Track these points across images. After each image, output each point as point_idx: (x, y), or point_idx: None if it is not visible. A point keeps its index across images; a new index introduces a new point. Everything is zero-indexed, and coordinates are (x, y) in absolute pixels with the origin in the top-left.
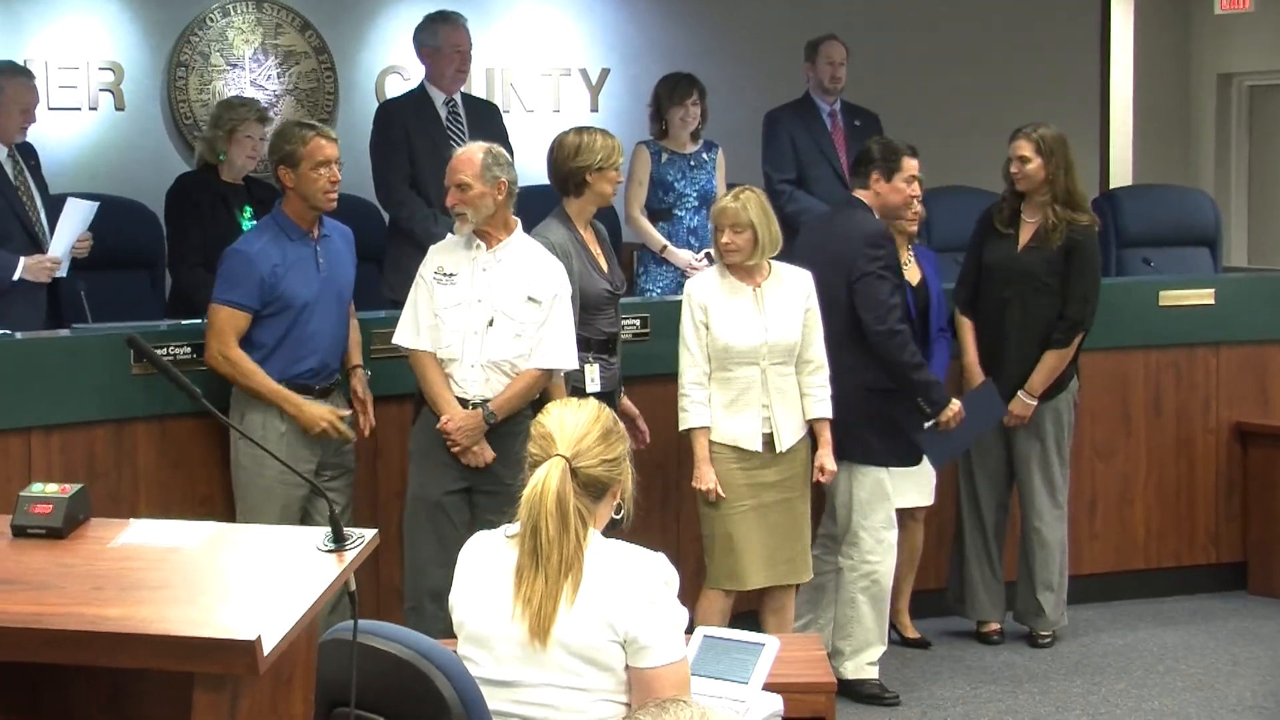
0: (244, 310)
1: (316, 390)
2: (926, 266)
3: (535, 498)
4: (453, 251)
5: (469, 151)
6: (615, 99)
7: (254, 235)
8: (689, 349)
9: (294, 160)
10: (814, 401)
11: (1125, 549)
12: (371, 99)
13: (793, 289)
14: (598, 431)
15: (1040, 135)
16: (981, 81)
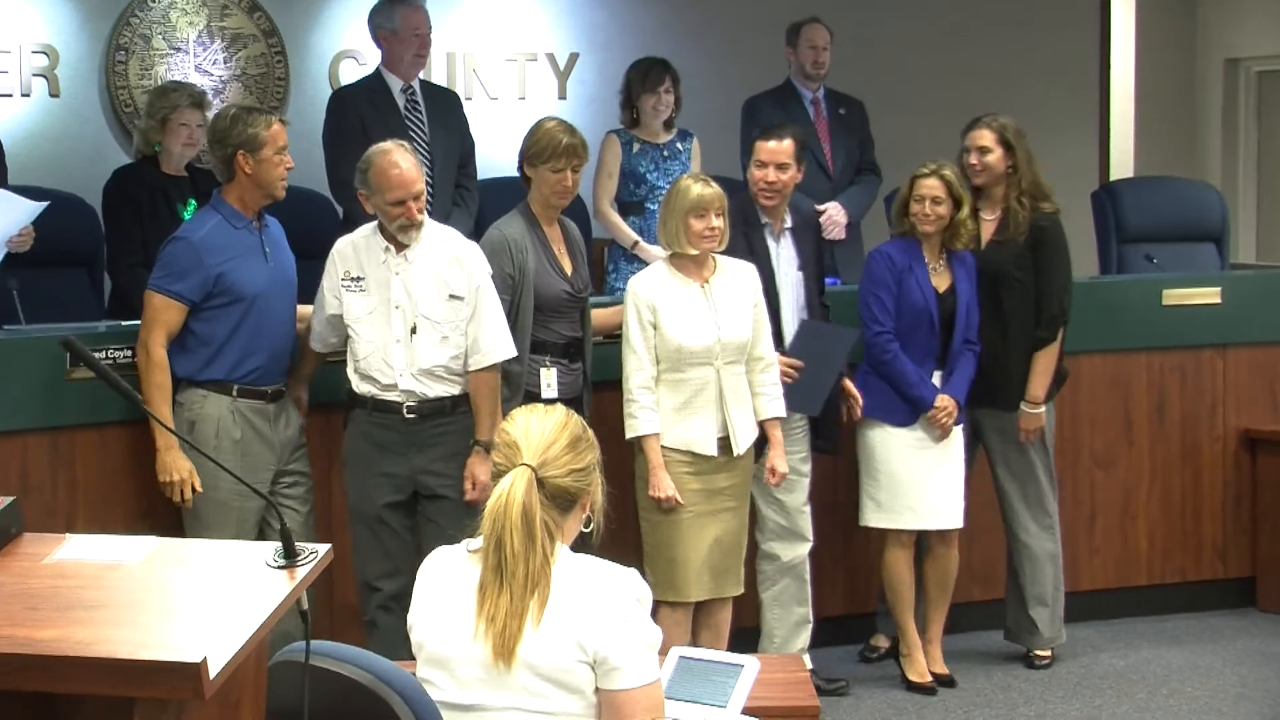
0: (181, 302)
1: (269, 394)
2: (959, 272)
3: (499, 509)
4: (356, 255)
5: (412, 159)
6: (584, 85)
7: (197, 223)
8: (635, 351)
9: (256, 145)
10: (767, 400)
11: (1127, 564)
12: (325, 86)
13: (740, 284)
14: (565, 439)
15: (1001, 124)
16: (974, 67)
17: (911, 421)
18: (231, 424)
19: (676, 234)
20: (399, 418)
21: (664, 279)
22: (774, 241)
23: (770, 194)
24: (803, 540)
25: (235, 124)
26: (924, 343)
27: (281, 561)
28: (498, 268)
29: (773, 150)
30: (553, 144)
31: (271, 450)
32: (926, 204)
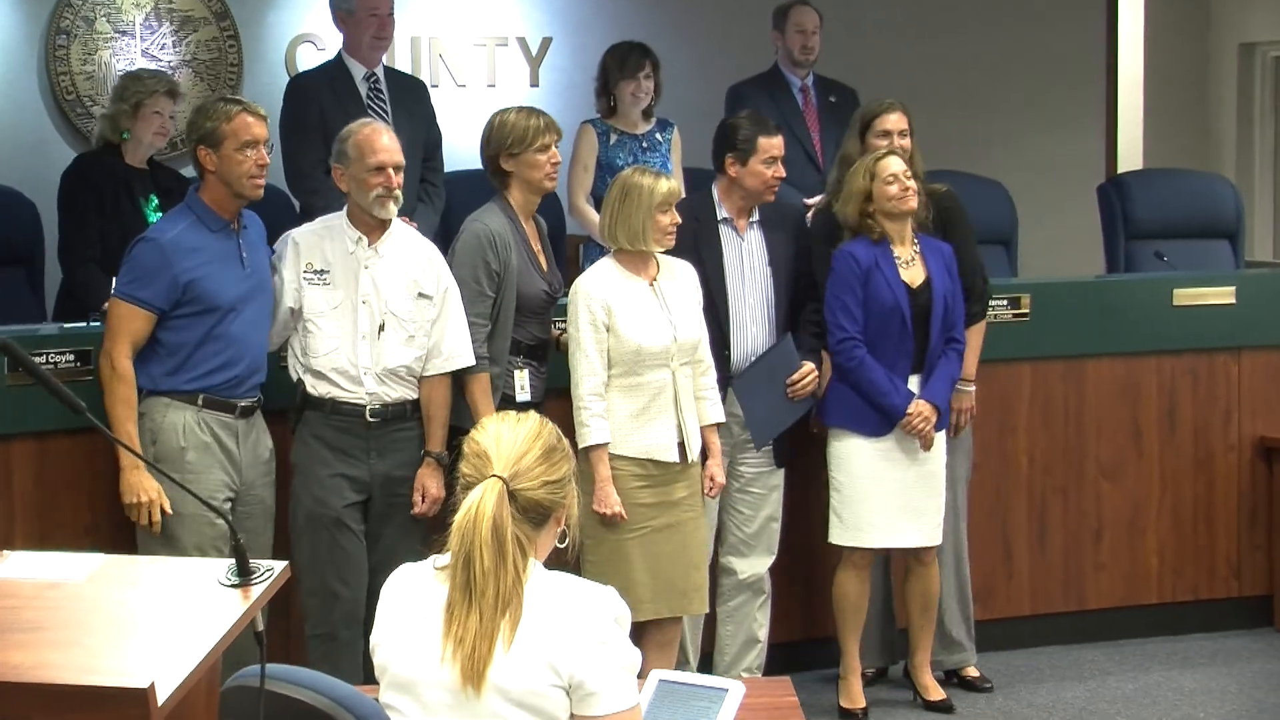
0: (148, 310)
1: (240, 408)
2: (934, 264)
3: (468, 524)
4: (320, 245)
5: (390, 132)
6: (558, 72)
7: (167, 224)
8: (587, 355)
9: (215, 139)
10: (709, 405)
11: (1136, 581)
12: (281, 72)
13: (685, 282)
14: (539, 449)
15: (906, 106)
16: (972, 51)
17: (885, 431)
18: (196, 433)
19: (642, 230)
20: (360, 421)
21: (614, 278)
22: (737, 238)
23: (776, 189)
24: (764, 555)
25: (197, 116)
26: (896, 344)
27: (235, 580)
28: (482, 263)
29: (780, 145)
30: (530, 126)
31: (234, 469)
32: (901, 179)
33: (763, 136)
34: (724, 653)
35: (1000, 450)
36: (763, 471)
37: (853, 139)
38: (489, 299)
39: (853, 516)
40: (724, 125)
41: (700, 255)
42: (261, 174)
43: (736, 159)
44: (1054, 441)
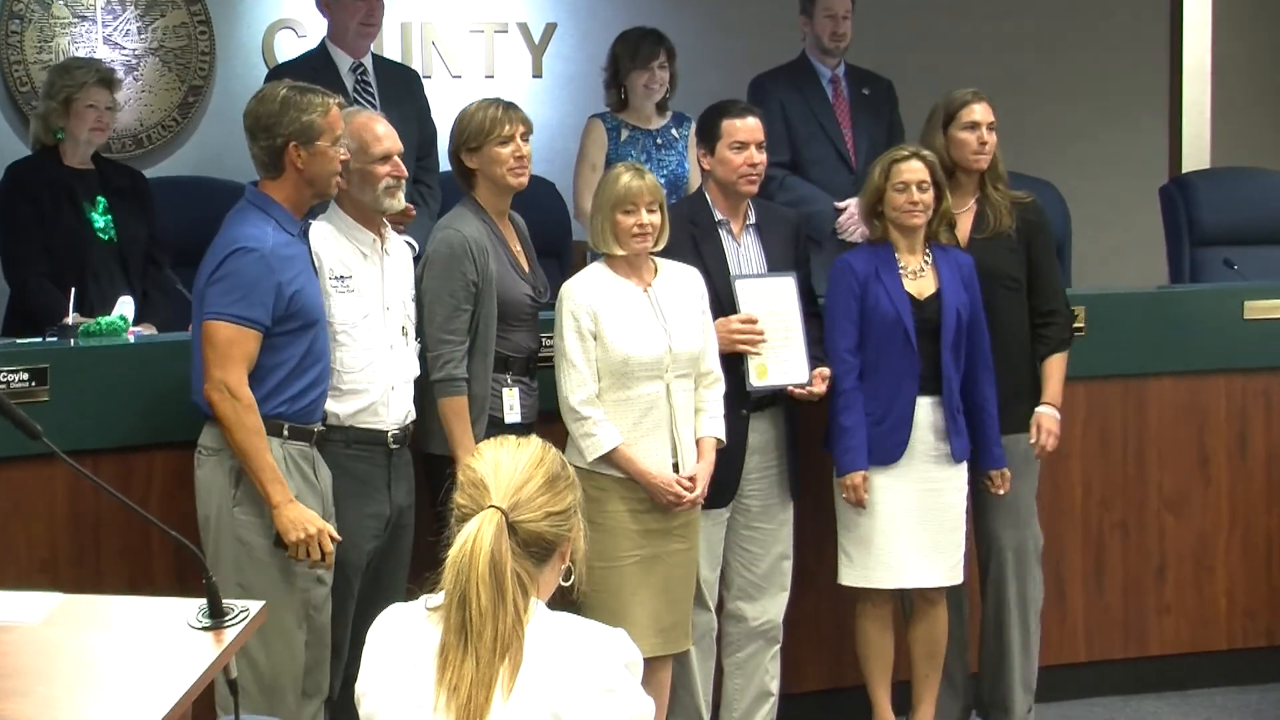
0: (256, 329)
1: (314, 435)
2: (948, 276)
3: (463, 560)
4: (337, 248)
5: (384, 118)
6: (564, 61)
7: (256, 229)
8: (574, 365)
9: (312, 134)
10: (708, 418)
11: (1203, 625)
12: (257, 62)
13: (686, 289)
14: (541, 477)
15: (989, 98)
16: (1018, 38)
17: (895, 458)
18: (286, 474)
19: (603, 232)
20: (382, 449)
21: (603, 282)
22: (733, 242)
23: (754, 178)
24: (776, 599)
25: (286, 109)
26: (899, 361)
27: (206, 622)
28: (457, 274)
29: (752, 128)
30: (487, 117)
31: (318, 503)
32: (913, 191)
33: (726, 119)
34: (732, 708)
35: (1052, 479)
36: (772, 504)
37: (934, 133)
38: (465, 313)
39: (863, 554)
40: (698, 119)
41: (704, 261)
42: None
43: (706, 149)
44: (1112, 470)
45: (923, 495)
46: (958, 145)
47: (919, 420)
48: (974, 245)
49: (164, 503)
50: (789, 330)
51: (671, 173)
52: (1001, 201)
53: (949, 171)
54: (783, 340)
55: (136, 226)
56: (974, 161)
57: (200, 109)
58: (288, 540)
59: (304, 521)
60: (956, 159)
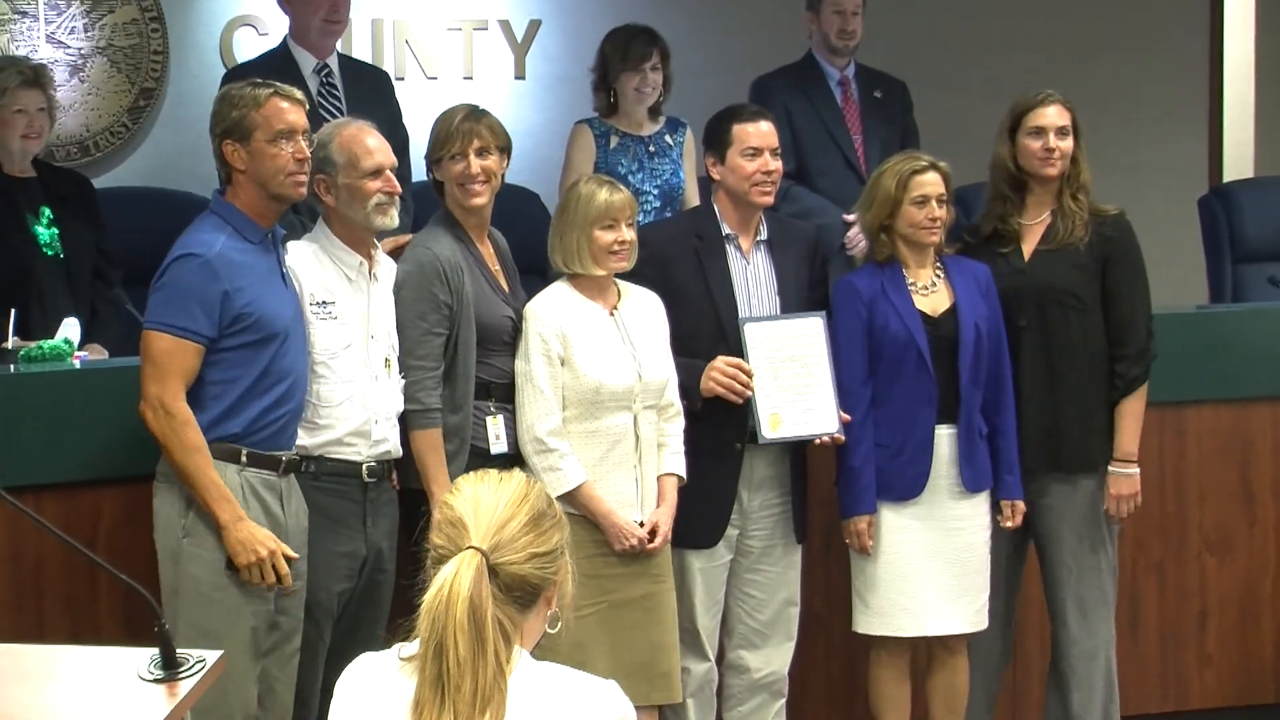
0: (196, 341)
1: (282, 464)
2: (963, 288)
3: (440, 605)
4: (318, 270)
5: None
6: (549, 62)
7: (206, 235)
8: (541, 391)
9: (244, 131)
10: (670, 454)
11: (1249, 677)
12: (214, 62)
13: (650, 313)
14: (525, 515)
15: (1068, 100)
16: (1042, 36)
17: (914, 494)
18: (243, 507)
19: (577, 250)
20: (357, 483)
21: (570, 303)
22: (741, 260)
23: (769, 188)
24: (781, 648)
25: (221, 106)
26: (913, 386)
27: (159, 673)
28: (429, 297)
29: (765, 134)
30: (444, 130)
31: (285, 542)
32: (932, 206)
33: (738, 123)
34: None
35: None
36: (776, 544)
37: (1002, 141)
38: (439, 338)
39: (880, 599)
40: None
41: (707, 279)
42: (301, 170)
43: (715, 157)
44: (1147, 507)
45: (944, 534)
46: (1024, 153)
47: (938, 451)
48: (1035, 257)
49: (112, 543)
50: (813, 375)
51: (665, 183)
52: (1077, 212)
53: (1020, 182)
54: (804, 387)
55: (84, 239)
56: (1041, 169)
57: (152, 113)
58: (237, 562)
59: (255, 542)
60: (1025, 167)
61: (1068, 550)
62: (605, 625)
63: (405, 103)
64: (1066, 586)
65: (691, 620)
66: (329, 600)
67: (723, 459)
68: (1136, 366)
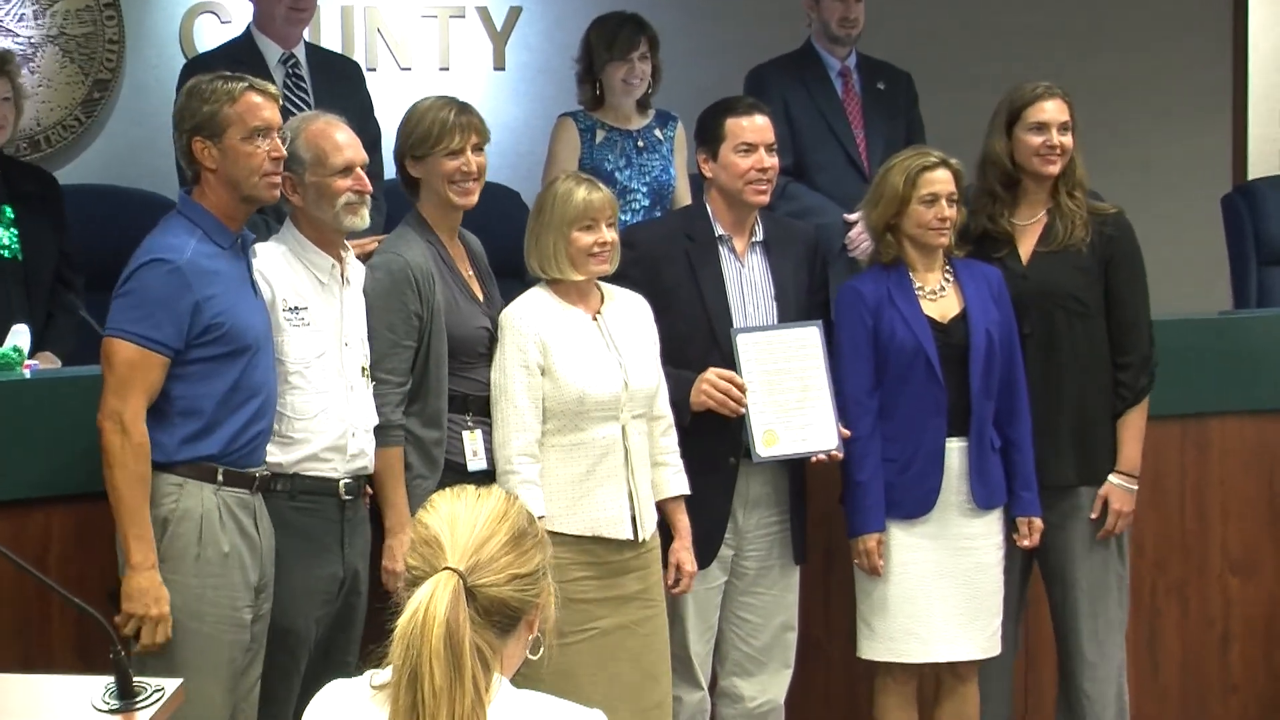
0: (162, 353)
1: (255, 481)
2: (973, 292)
3: (414, 630)
4: (287, 273)
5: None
6: (530, 52)
7: (174, 239)
8: (516, 405)
9: (216, 128)
10: (670, 472)
11: (1275, 706)
12: (174, 52)
13: (637, 317)
14: (505, 534)
15: (1066, 92)
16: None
17: (923, 511)
18: (219, 528)
19: (554, 252)
20: (334, 500)
21: (550, 309)
22: (735, 262)
23: (765, 186)
24: (778, 675)
25: (189, 100)
26: (923, 396)
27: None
28: (398, 306)
29: (761, 128)
30: (437, 122)
31: (256, 564)
32: (942, 205)
33: (731, 117)
34: None
35: None
36: (773, 565)
37: (997, 134)
38: (407, 350)
39: (887, 624)
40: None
41: (699, 283)
42: (276, 170)
43: (707, 153)
44: (1168, 525)
45: (955, 554)
46: (1023, 149)
47: (949, 465)
48: (1035, 260)
49: (64, 565)
50: (809, 389)
51: (655, 180)
52: (1076, 211)
53: (1014, 180)
54: (800, 401)
55: (46, 241)
56: (1041, 167)
57: (107, 106)
58: (125, 607)
59: (152, 598)
60: (1022, 165)
61: (1079, 568)
62: (595, 653)
63: (377, 95)
64: (1079, 607)
65: (684, 646)
66: (307, 629)
67: (716, 475)
68: (1143, 375)
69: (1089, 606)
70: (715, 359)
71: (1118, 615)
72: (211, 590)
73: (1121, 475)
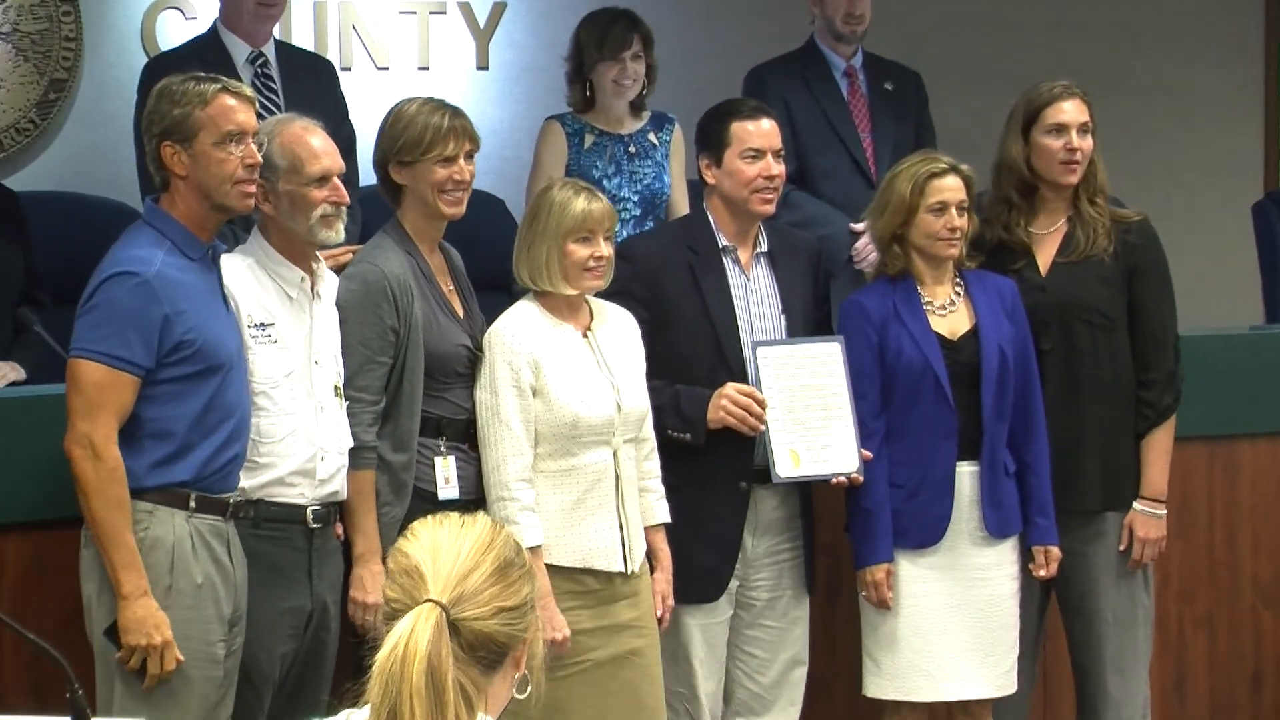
0: (132, 372)
1: (229, 507)
2: (985, 306)
3: (394, 667)
4: (253, 286)
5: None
6: (516, 50)
7: (141, 250)
8: (509, 427)
9: (187, 132)
10: (655, 499)
11: None
12: (136, 50)
13: (626, 335)
14: (491, 565)
15: (1085, 93)
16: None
17: (933, 540)
18: (191, 557)
19: (547, 264)
20: (301, 528)
21: (540, 325)
22: (740, 275)
23: (771, 195)
24: (784, 714)
25: (159, 102)
26: (931, 415)
27: None
28: (373, 320)
29: (768, 133)
30: (430, 127)
31: (230, 596)
32: (952, 214)
33: (737, 121)
34: None
35: None
36: (782, 596)
37: (1013, 139)
38: (381, 367)
39: (895, 660)
40: (699, 120)
41: (704, 297)
42: (251, 178)
43: (710, 159)
44: (1195, 554)
45: (966, 585)
46: (1041, 154)
47: (960, 491)
48: (1054, 271)
49: (19, 597)
50: (831, 408)
51: (647, 188)
52: (1098, 219)
53: (1032, 186)
54: (822, 420)
55: (10, 256)
56: (1061, 174)
57: (64, 108)
58: (125, 640)
59: (151, 625)
60: (1041, 171)
61: (1104, 600)
62: (588, 685)
63: (352, 96)
64: (1104, 641)
65: (691, 685)
66: (270, 664)
67: (727, 501)
68: (1168, 393)
69: (1114, 640)
70: (725, 377)
71: (1144, 649)
72: (183, 623)
73: (1146, 501)
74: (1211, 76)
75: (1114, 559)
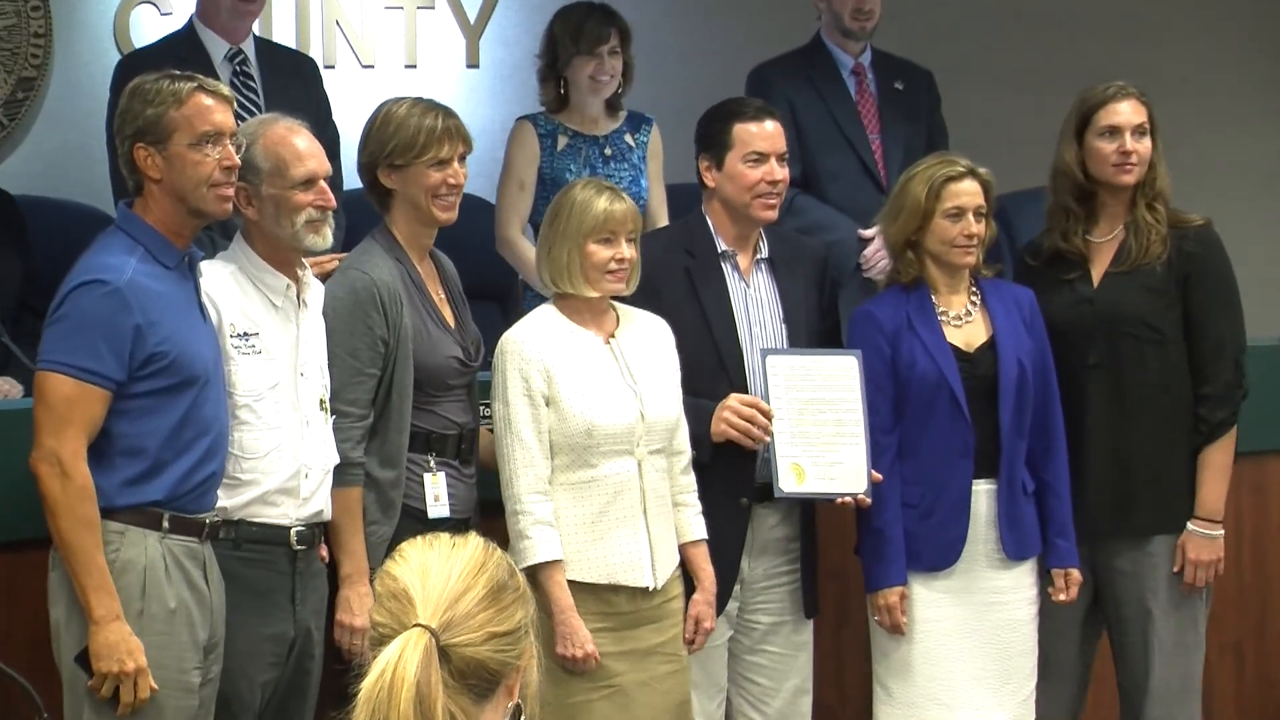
0: (103, 386)
1: (205, 528)
2: (1002, 317)
3: (380, 695)
4: (235, 295)
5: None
6: (506, 47)
7: (113, 257)
8: (521, 440)
9: (161, 133)
10: (692, 514)
11: None
12: (109, 47)
13: (655, 342)
14: (483, 587)
15: (1143, 93)
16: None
17: (948, 562)
18: (164, 581)
19: (568, 266)
20: (285, 550)
21: (557, 332)
22: (740, 282)
23: (775, 200)
24: None
25: (131, 102)
26: (946, 432)
27: None
28: (362, 329)
29: (772, 135)
30: (423, 129)
31: (205, 621)
32: (969, 220)
33: (740, 123)
34: None
35: None
36: (785, 620)
37: (1067, 144)
38: (370, 379)
39: (907, 688)
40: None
41: (703, 304)
42: (228, 181)
43: (711, 161)
44: (1223, 577)
45: (982, 610)
46: (1095, 157)
47: (977, 511)
48: (1105, 282)
49: None
50: (844, 424)
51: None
52: (1154, 226)
53: (1089, 192)
54: (833, 436)
55: (7, 265)
56: (1116, 176)
57: (33, 107)
58: (96, 667)
59: (124, 651)
60: (1096, 174)
61: (1159, 626)
62: (614, 712)
63: (335, 96)
64: (1154, 671)
65: None
66: (250, 693)
67: (728, 518)
68: (1223, 408)
69: (1165, 673)
70: (725, 388)
71: (1194, 680)
72: (156, 650)
73: (1200, 521)
74: (1236, 74)
75: (1165, 582)
